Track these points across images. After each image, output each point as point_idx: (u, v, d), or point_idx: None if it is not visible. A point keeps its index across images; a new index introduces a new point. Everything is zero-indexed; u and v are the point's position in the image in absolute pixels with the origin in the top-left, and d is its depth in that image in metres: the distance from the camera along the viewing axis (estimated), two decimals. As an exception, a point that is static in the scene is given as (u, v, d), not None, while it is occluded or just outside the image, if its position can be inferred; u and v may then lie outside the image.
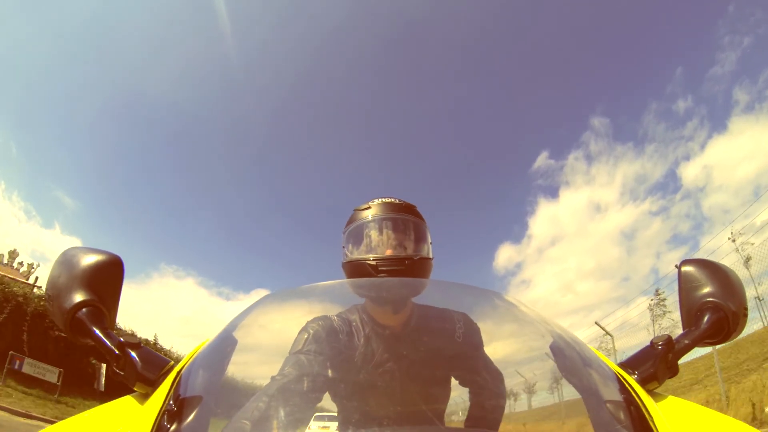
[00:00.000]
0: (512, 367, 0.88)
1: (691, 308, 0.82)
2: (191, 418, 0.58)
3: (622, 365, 0.79)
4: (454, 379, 0.89)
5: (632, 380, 0.73)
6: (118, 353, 0.68)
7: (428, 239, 1.09)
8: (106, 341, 0.69)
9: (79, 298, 0.72)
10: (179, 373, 0.69)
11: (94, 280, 0.74)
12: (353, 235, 1.06)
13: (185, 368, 0.70)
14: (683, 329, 0.82)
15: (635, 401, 0.65)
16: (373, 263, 0.98)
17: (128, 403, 0.69)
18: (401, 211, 1.06)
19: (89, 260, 0.76)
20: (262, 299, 0.92)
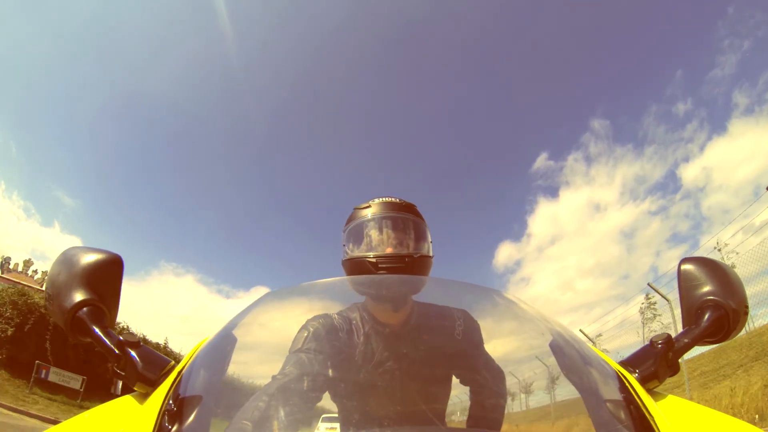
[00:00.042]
0: (512, 365, 0.88)
1: (691, 306, 0.81)
2: (192, 418, 0.58)
3: (622, 364, 0.78)
4: (454, 377, 0.89)
5: (632, 379, 0.72)
6: (118, 353, 0.68)
7: (428, 238, 1.09)
8: (106, 340, 0.68)
9: (79, 297, 0.71)
10: (180, 372, 0.69)
11: (94, 279, 0.74)
12: (353, 233, 1.06)
13: (185, 368, 0.70)
14: (683, 327, 0.82)
15: (635, 400, 0.65)
16: (373, 260, 0.98)
17: (128, 403, 0.69)
18: (401, 210, 1.06)
19: (89, 259, 0.75)
20: (262, 297, 0.92)
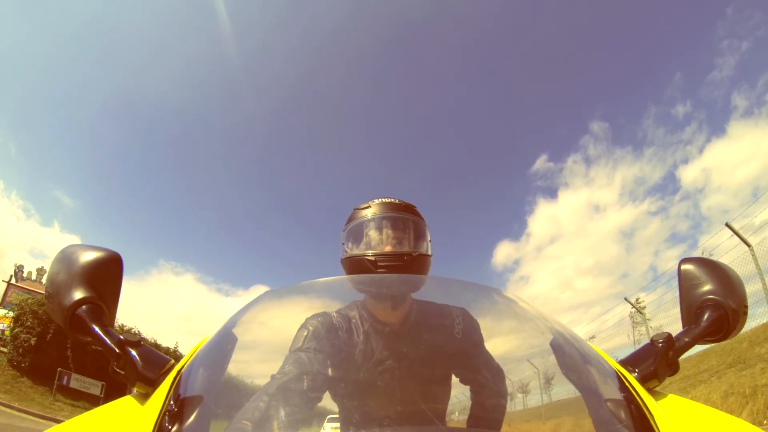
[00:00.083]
0: (512, 364, 0.88)
1: (691, 306, 0.82)
2: (192, 419, 0.58)
3: (622, 363, 0.78)
4: (454, 376, 0.89)
5: (632, 378, 0.72)
6: (118, 352, 0.68)
7: (427, 237, 1.09)
8: (105, 339, 0.68)
9: (78, 295, 0.71)
10: (179, 372, 0.69)
11: (93, 277, 0.73)
12: (353, 232, 1.06)
13: (185, 367, 0.70)
14: (683, 327, 0.82)
15: (635, 399, 0.65)
16: (372, 259, 0.98)
17: (128, 403, 0.68)
18: (401, 210, 1.06)
19: (88, 257, 0.75)
20: (261, 296, 0.92)
